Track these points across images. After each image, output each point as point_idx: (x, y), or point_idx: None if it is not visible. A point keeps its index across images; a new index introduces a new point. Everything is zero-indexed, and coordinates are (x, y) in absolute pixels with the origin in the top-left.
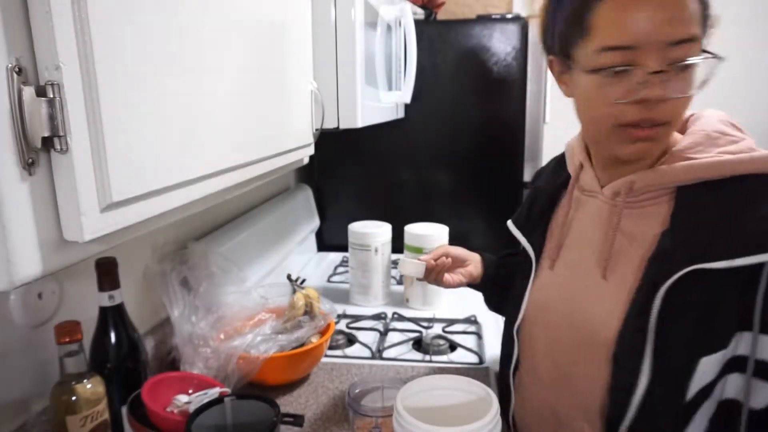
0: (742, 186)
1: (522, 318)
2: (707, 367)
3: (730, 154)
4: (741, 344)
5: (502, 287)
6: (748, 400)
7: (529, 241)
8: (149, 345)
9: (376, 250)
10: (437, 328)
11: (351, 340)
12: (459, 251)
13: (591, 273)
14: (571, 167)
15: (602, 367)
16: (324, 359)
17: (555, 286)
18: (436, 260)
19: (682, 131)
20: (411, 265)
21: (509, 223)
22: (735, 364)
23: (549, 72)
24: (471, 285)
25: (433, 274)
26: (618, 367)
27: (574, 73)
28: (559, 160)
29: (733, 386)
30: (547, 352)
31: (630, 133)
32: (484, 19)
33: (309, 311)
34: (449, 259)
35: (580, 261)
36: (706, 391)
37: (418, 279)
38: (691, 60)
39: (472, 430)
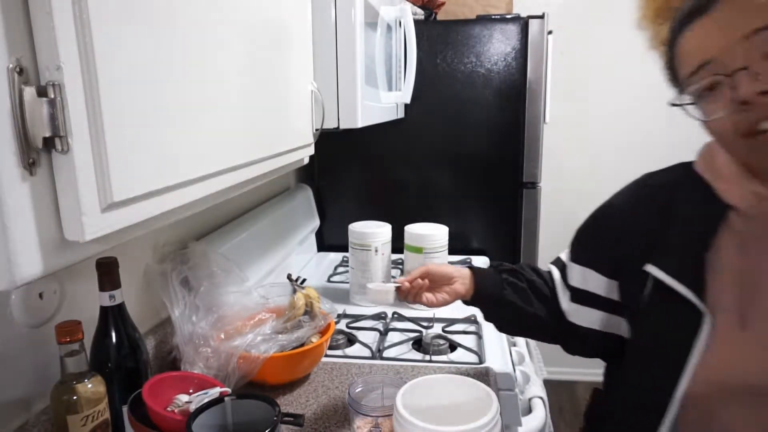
0: None
1: (690, 386)
2: None
3: None
4: None
5: (516, 309)
6: None
7: (696, 293)
8: (150, 345)
9: (376, 250)
10: (437, 328)
11: (351, 340)
12: (443, 269)
13: None
14: (735, 198)
15: None
16: (324, 359)
17: (759, 347)
18: (411, 282)
19: None
20: (378, 292)
21: (652, 268)
22: None
23: (548, 72)
24: (466, 302)
25: (410, 296)
26: None
27: None
28: (707, 187)
29: None
30: (758, 421)
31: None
32: (484, 19)
33: (309, 311)
34: (426, 281)
35: None
36: None
37: (389, 304)
38: None
39: (472, 430)
